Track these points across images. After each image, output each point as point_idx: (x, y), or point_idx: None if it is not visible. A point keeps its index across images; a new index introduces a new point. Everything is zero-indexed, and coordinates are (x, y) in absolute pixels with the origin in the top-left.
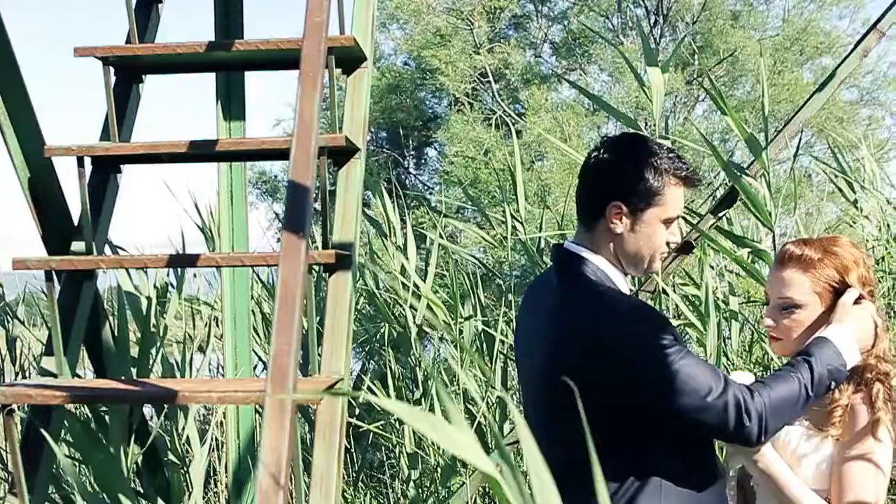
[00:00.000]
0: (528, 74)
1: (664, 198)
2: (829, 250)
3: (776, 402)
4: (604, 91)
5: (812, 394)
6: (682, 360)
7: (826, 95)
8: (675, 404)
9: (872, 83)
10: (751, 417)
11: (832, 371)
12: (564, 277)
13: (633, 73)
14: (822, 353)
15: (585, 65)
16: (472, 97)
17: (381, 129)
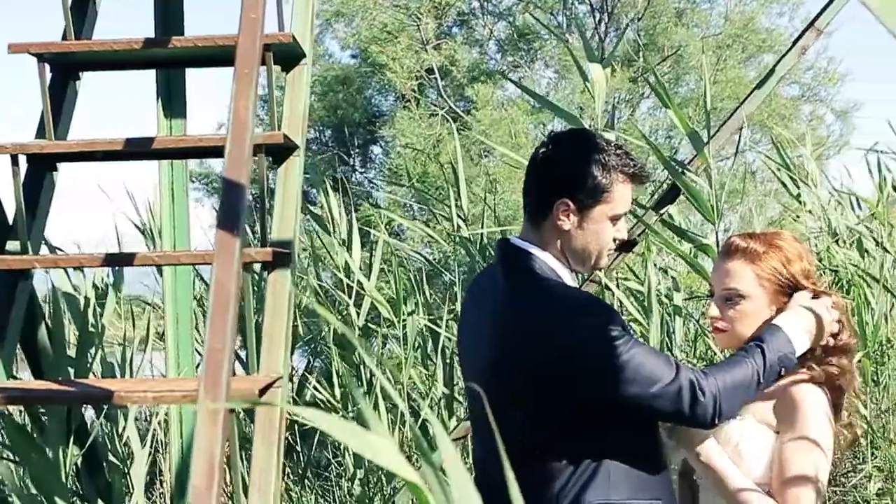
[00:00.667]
0: (474, 71)
1: (612, 195)
2: (773, 244)
3: (729, 385)
4: (550, 88)
5: (763, 379)
6: (632, 350)
7: (765, 92)
8: (629, 394)
9: (814, 79)
10: (705, 399)
11: (782, 358)
12: (511, 272)
13: (578, 69)
14: (774, 339)
15: (531, 61)
16: (419, 93)
17: (326, 126)
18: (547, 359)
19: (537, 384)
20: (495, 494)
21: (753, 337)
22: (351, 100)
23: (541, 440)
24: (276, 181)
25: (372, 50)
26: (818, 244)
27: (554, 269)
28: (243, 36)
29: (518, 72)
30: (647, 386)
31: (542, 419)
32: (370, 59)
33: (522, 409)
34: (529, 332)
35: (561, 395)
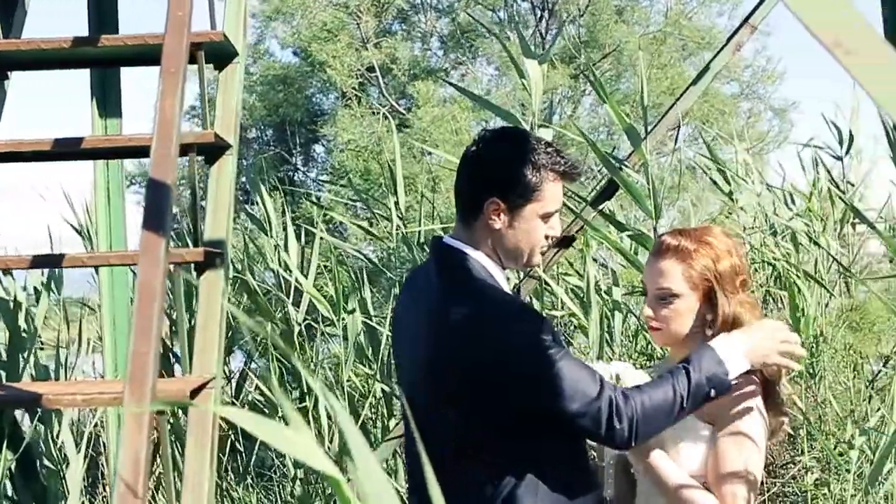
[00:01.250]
0: (415, 69)
1: (542, 193)
2: (703, 240)
3: (649, 409)
4: (491, 85)
5: (688, 402)
6: (561, 362)
7: (701, 88)
8: (552, 405)
9: (752, 77)
10: (622, 422)
11: (711, 379)
12: (444, 272)
13: (515, 67)
14: (701, 361)
15: (474, 58)
16: (360, 92)
17: (268, 125)
18: (482, 361)
19: (472, 385)
20: (426, 493)
21: (684, 359)
22: (292, 99)
23: (474, 440)
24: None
25: (312, 48)
26: (753, 240)
27: (486, 267)
28: (169, 34)
29: (460, 69)
30: (571, 400)
31: (477, 419)
32: (310, 58)
33: (456, 408)
34: (464, 333)
35: (495, 399)
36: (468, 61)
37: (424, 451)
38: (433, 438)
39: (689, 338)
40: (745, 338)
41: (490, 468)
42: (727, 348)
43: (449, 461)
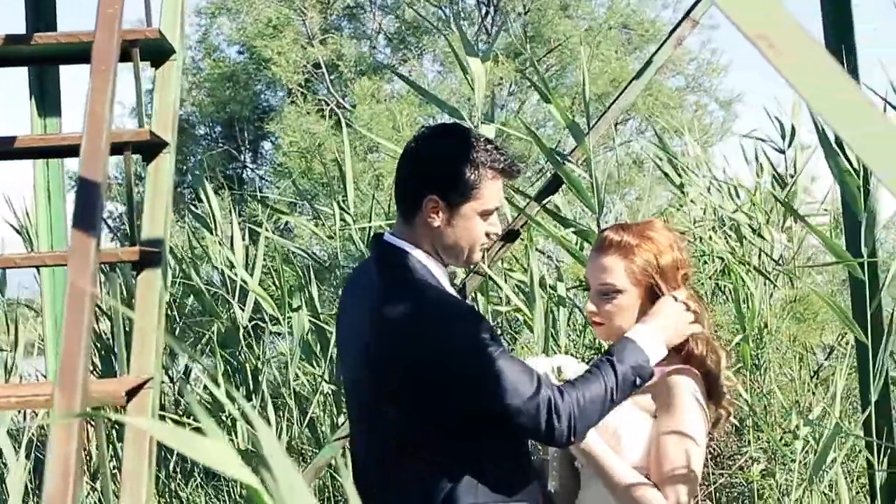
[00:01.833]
0: (361, 65)
1: (481, 191)
2: (645, 235)
3: (584, 404)
4: (437, 81)
5: (618, 394)
6: (500, 362)
7: (643, 83)
8: (491, 405)
9: (697, 70)
10: (560, 420)
11: (636, 368)
12: (385, 270)
13: (459, 63)
14: (623, 352)
15: (420, 55)
16: (307, 88)
17: (216, 122)
18: (422, 360)
19: (412, 383)
20: (368, 490)
21: (606, 352)
22: (239, 96)
23: (415, 438)
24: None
25: (257, 45)
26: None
27: (426, 265)
28: (100, 32)
29: (407, 66)
30: (510, 400)
31: (417, 417)
32: (256, 55)
33: (397, 406)
34: (404, 332)
35: (436, 398)
36: (414, 58)
37: (368, 447)
38: (375, 436)
39: None
40: (657, 323)
41: (431, 466)
42: (644, 336)
43: (391, 458)
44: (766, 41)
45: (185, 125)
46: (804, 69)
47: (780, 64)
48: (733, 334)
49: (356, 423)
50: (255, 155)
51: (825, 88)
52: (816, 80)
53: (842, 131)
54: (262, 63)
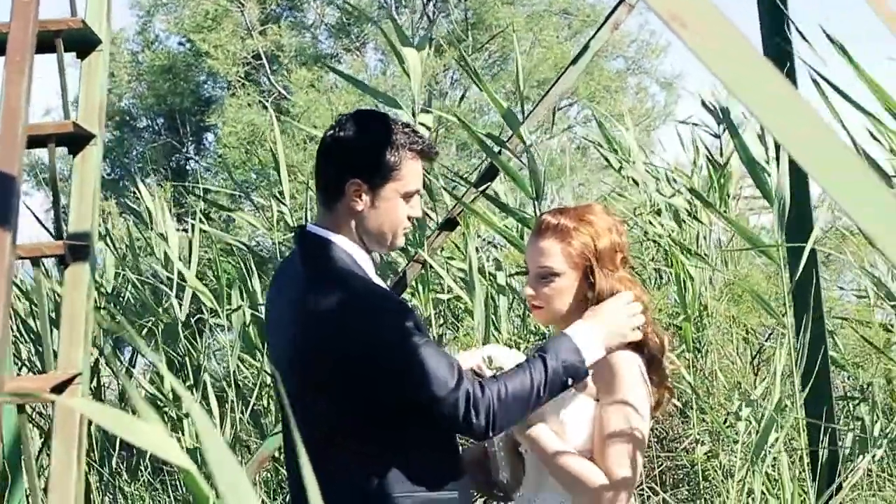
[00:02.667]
0: (302, 56)
1: (402, 172)
2: (583, 219)
3: (506, 399)
4: (378, 70)
5: (546, 391)
6: (423, 351)
7: (580, 68)
8: (413, 396)
9: (637, 52)
10: (478, 413)
11: (568, 367)
12: (309, 261)
13: (395, 53)
14: (558, 349)
15: (362, 44)
16: (248, 80)
17: (157, 115)
18: (348, 352)
19: (340, 374)
20: (298, 479)
21: (539, 347)
22: (180, 88)
23: (343, 428)
24: (72, 172)
25: (195, 37)
26: (640, 218)
27: (351, 254)
28: (15, 22)
29: (349, 55)
30: (431, 389)
31: (346, 407)
32: (195, 47)
33: (324, 397)
34: (330, 323)
35: (362, 389)
36: (356, 48)
37: (297, 438)
38: (304, 426)
39: (571, 316)
40: (600, 323)
41: (359, 456)
42: (584, 336)
43: (319, 448)
44: (679, 21)
45: (127, 118)
46: (717, 49)
47: (694, 44)
48: (674, 317)
49: (285, 415)
50: (198, 146)
51: (738, 68)
52: (730, 60)
53: (756, 110)
54: (201, 55)
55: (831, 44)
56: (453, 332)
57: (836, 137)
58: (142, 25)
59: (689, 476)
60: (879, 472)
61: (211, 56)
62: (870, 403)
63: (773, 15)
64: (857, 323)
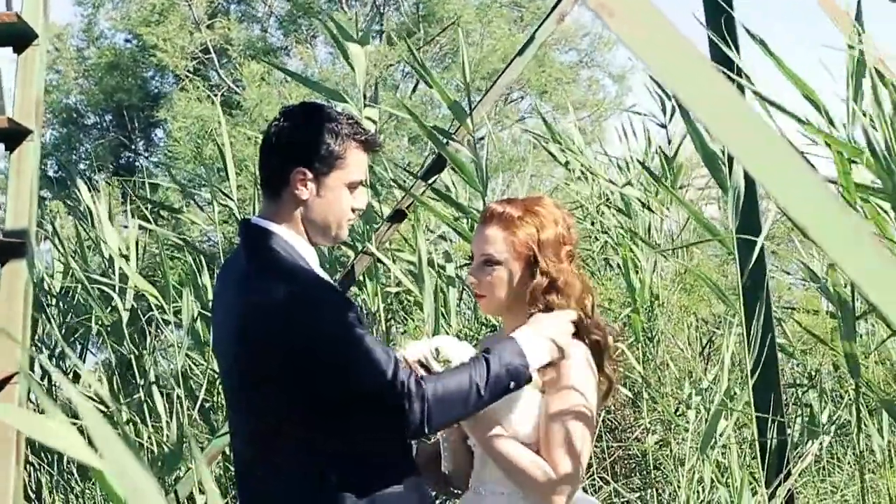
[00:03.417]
0: (252, 49)
1: (346, 161)
2: (530, 209)
3: (443, 396)
4: (329, 62)
5: (486, 392)
6: (363, 345)
7: (527, 59)
8: (353, 388)
9: (590, 45)
10: (412, 409)
11: (511, 371)
12: (253, 254)
13: (339, 47)
14: (503, 352)
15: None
16: (197, 74)
17: (105, 111)
18: (294, 345)
19: (286, 367)
20: (245, 471)
21: (485, 349)
22: (128, 83)
23: (290, 419)
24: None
25: (142, 31)
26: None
27: (294, 246)
28: None
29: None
30: (371, 383)
31: (291, 399)
32: (142, 41)
33: (272, 388)
34: (275, 316)
35: (308, 381)
36: (306, 40)
37: (244, 430)
38: (252, 417)
39: (514, 306)
40: (546, 331)
41: (306, 446)
42: (529, 341)
43: (266, 441)
44: (606, 10)
45: (74, 115)
46: (645, 37)
47: (621, 32)
48: (625, 307)
49: (232, 407)
50: (147, 142)
51: (666, 55)
52: (657, 47)
53: (685, 97)
54: (148, 50)
55: (751, 39)
56: (403, 325)
57: (765, 124)
58: (87, 21)
59: (641, 465)
60: (829, 459)
61: (159, 50)
62: (818, 390)
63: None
64: (804, 311)
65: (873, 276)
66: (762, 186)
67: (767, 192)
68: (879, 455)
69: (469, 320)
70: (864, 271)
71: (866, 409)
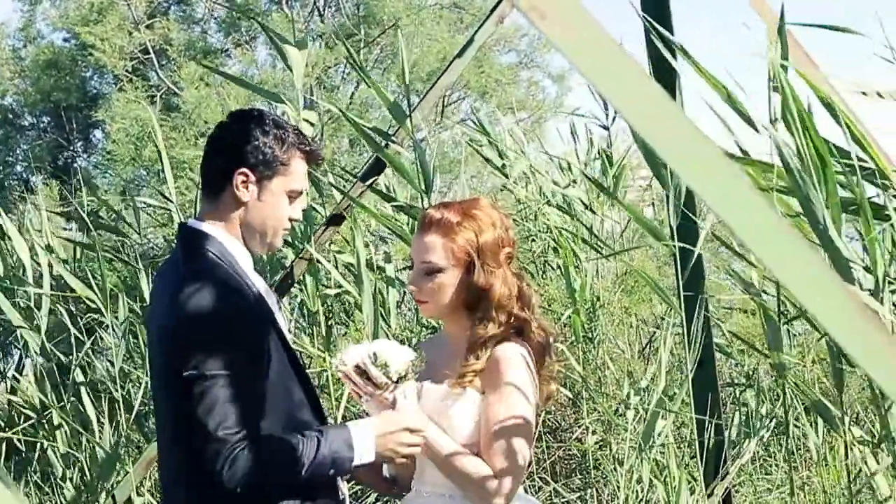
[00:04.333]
0: (192, 50)
1: (290, 168)
2: (467, 213)
3: (266, 467)
4: (269, 64)
5: (307, 472)
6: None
7: (465, 61)
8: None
9: (529, 46)
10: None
11: (335, 460)
12: (187, 257)
13: (277, 49)
14: (335, 438)
15: (253, 38)
16: (136, 74)
17: (43, 112)
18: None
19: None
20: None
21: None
22: (65, 83)
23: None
24: None
25: (80, 31)
26: (529, 210)
27: (230, 249)
28: None
29: (239, 50)
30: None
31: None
32: (80, 41)
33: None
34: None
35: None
36: (246, 42)
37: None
38: (170, 415)
39: (455, 310)
40: (381, 429)
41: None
42: (362, 436)
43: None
44: (537, 12)
45: (10, 115)
46: (575, 39)
47: (552, 35)
48: (566, 308)
49: (156, 405)
50: (86, 143)
51: (596, 57)
52: (587, 49)
53: (614, 100)
54: (87, 49)
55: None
56: (345, 326)
57: (692, 125)
58: (24, 20)
59: (581, 465)
60: (767, 458)
61: (97, 50)
62: (756, 389)
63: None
64: (741, 311)
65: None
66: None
67: (692, 189)
68: (815, 453)
69: (410, 321)
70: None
71: (802, 408)
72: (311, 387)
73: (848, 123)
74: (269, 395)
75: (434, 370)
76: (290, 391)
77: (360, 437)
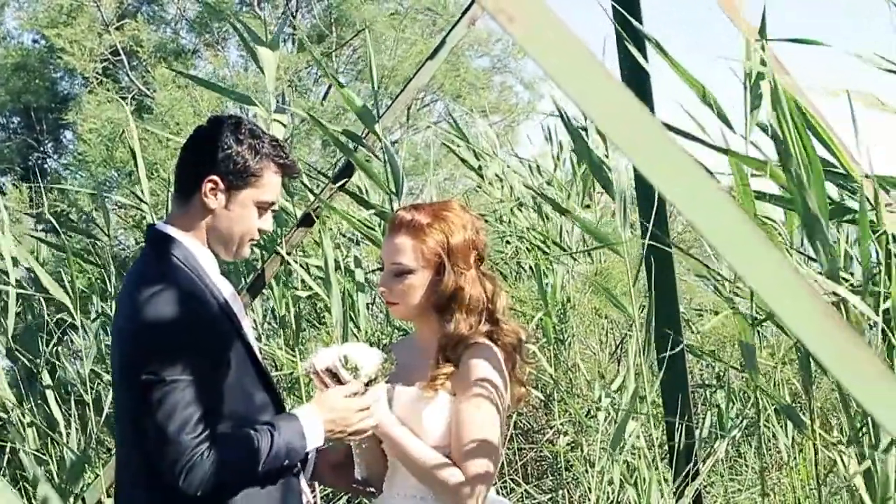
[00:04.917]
0: (162, 51)
1: (262, 180)
2: (438, 215)
3: (226, 470)
4: (241, 66)
5: (263, 467)
6: (185, 391)
7: (437, 64)
8: (154, 426)
9: (503, 51)
10: (189, 478)
11: (290, 451)
12: (152, 260)
13: (249, 51)
14: (286, 429)
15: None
16: (107, 76)
17: (12, 113)
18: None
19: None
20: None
21: (270, 421)
22: (35, 85)
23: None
24: None
25: (49, 32)
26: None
27: (195, 254)
28: None
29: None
30: (172, 428)
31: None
32: (49, 42)
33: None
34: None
35: None
36: (217, 43)
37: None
38: (126, 417)
39: (425, 311)
40: (328, 414)
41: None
42: (311, 423)
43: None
44: (505, 15)
45: None
46: (544, 43)
47: (521, 38)
48: (537, 310)
49: (116, 405)
50: (56, 144)
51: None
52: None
53: (582, 104)
54: (56, 51)
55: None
56: (316, 329)
57: (661, 129)
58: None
59: (553, 467)
60: (737, 458)
61: (67, 52)
62: (726, 390)
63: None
64: (712, 313)
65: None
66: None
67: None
68: (785, 453)
69: (381, 324)
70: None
71: (772, 409)
72: (276, 391)
73: (817, 128)
74: (229, 400)
75: (405, 373)
76: (252, 396)
77: (309, 425)
